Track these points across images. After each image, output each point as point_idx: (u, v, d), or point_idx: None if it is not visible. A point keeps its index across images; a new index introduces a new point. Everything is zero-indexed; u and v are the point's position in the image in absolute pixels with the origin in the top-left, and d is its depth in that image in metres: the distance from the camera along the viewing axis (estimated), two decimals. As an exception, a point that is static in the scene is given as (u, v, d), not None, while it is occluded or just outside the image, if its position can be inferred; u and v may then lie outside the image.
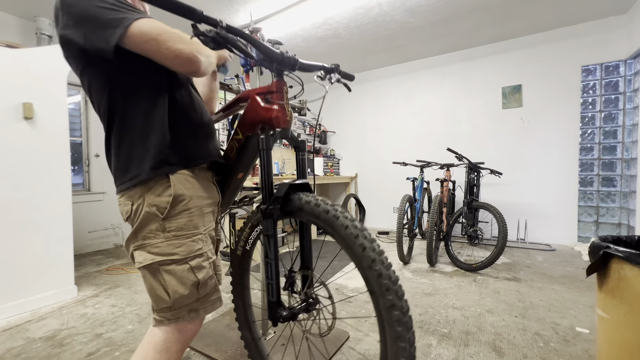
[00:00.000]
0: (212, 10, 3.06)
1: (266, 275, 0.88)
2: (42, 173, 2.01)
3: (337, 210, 0.77)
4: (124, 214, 0.84)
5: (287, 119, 0.91)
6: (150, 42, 0.71)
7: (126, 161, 0.80)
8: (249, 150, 0.99)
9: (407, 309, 0.68)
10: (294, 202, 0.85)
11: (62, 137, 2.10)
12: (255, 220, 1.07)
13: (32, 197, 1.96)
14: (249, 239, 1.10)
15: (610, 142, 3.40)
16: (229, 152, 1.02)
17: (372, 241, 0.72)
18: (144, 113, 0.80)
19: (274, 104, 0.90)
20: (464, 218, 2.88)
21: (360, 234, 0.73)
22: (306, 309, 0.92)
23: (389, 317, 0.67)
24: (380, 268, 0.68)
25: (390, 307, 0.67)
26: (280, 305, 0.89)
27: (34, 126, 1.98)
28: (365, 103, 4.98)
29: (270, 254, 0.86)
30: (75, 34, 0.71)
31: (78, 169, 3.64)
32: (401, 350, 0.66)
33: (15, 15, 3.06)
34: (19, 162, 1.92)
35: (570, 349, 1.45)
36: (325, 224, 0.78)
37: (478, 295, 2.09)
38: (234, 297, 1.19)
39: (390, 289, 0.67)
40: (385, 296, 0.67)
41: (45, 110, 2.03)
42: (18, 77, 1.92)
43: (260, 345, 1.20)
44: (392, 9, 3.11)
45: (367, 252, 0.70)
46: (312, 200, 0.81)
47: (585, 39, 3.45)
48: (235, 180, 1.07)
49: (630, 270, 0.87)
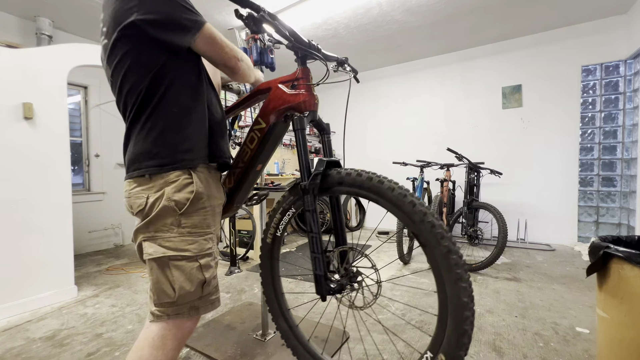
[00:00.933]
0: (212, 9, 3.06)
1: (311, 249, 0.91)
2: (42, 173, 2.01)
3: (380, 176, 0.83)
4: (134, 206, 0.80)
5: (315, 102, 0.97)
6: (214, 44, 0.82)
7: (156, 146, 0.79)
8: (274, 137, 1.03)
9: (461, 253, 0.74)
10: (333, 177, 0.90)
11: (62, 137, 2.10)
12: (287, 204, 1.07)
13: (32, 197, 1.96)
14: (280, 225, 1.10)
15: (610, 142, 3.40)
16: (248, 144, 1.04)
17: (419, 198, 0.78)
18: (187, 103, 0.83)
19: (301, 89, 0.95)
20: (464, 218, 2.88)
21: (408, 193, 0.79)
22: (350, 281, 0.96)
23: (446, 262, 0.73)
24: (432, 220, 0.75)
25: (447, 253, 0.73)
26: (327, 278, 0.92)
27: (34, 126, 1.98)
28: (365, 103, 4.98)
29: (314, 228, 0.90)
30: (152, 23, 0.74)
31: (78, 169, 3.64)
32: (462, 290, 0.71)
33: (15, 15, 3.05)
34: (19, 162, 1.92)
35: (570, 349, 1.45)
36: (370, 192, 0.83)
37: (478, 295, 2.09)
38: (264, 287, 1.17)
39: (445, 236, 0.73)
40: (441, 244, 0.73)
41: (45, 110, 2.02)
42: (18, 77, 1.92)
43: (298, 333, 1.18)
44: (392, 9, 3.11)
45: (418, 207, 0.76)
46: (352, 172, 0.86)
47: (585, 39, 3.45)
48: (253, 173, 1.08)
49: (630, 270, 0.87)
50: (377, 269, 0.92)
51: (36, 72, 1.99)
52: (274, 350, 1.42)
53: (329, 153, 1.02)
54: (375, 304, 1.01)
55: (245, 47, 1.52)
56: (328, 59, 1.06)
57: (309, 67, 1.00)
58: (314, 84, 0.99)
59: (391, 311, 1.86)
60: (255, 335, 1.55)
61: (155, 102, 0.79)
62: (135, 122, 0.81)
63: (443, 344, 0.76)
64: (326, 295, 0.92)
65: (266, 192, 1.39)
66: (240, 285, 2.34)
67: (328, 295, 0.92)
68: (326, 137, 1.04)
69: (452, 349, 0.74)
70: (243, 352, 1.40)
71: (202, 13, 2.14)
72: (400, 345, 1.48)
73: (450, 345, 0.75)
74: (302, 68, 0.98)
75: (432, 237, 0.74)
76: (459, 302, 0.72)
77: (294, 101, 0.94)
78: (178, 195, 0.79)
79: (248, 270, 2.73)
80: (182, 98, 0.83)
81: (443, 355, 0.76)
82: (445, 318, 0.75)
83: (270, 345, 1.46)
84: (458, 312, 0.72)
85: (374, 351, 1.43)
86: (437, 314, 0.78)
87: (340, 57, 1.12)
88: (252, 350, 1.42)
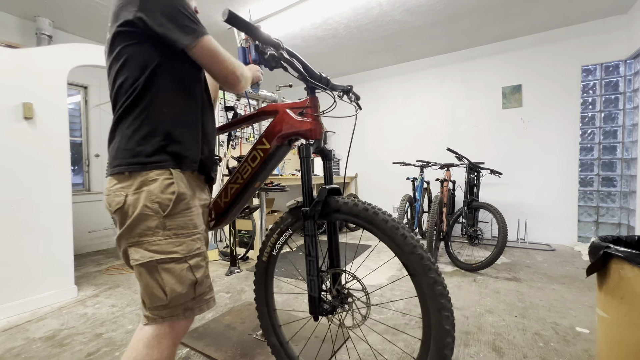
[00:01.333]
0: (212, 9, 3.06)
1: (308, 272, 0.97)
2: (42, 173, 2.01)
3: (375, 208, 0.89)
4: (113, 204, 0.79)
5: (321, 131, 1.02)
6: (215, 57, 0.82)
7: (141, 144, 0.78)
8: (276, 158, 1.08)
9: (445, 284, 0.81)
10: (332, 204, 0.96)
11: (62, 137, 2.10)
12: (285, 225, 1.09)
13: (32, 197, 1.96)
14: (276, 245, 1.12)
15: (610, 142, 3.40)
16: (249, 161, 1.07)
17: (410, 231, 0.84)
18: (180, 107, 0.84)
19: (308, 117, 0.99)
20: (464, 218, 2.87)
21: (400, 226, 0.85)
22: (341, 303, 1.02)
23: (432, 292, 0.79)
24: (421, 252, 0.81)
25: (433, 284, 0.79)
26: (321, 300, 0.96)
27: (34, 126, 1.98)
28: (365, 103, 4.98)
29: (312, 252, 0.96)
30: (154, 21, 0.75)
31: (78, 169, 3.64)
32: (445, 318, 0.79)
33: (15, 15, 3.05)
34: (19, 162, 1.92)
35: (570, 349, 1.45)
36: (365, 221, 0.89)
37: (478, 295, 2.09)
38: (258, 304, 1.20)
39: (432, 268, 0.80)
40: (427, 275, 0.80)
41: (45, 110, 2.02)
42: (18, 77, 1.92)
43: (289, 349, 1.20)
44: (392, 9, 3.11)
45: (409, 240, 0.82)
46: (349, 202, 0.93)
47: (585, 39, 3.45)
48: (251, 190, 1.11)
49: (630, 270, 0.87)
50: (367, 292, 0.98)
51: (36, 72, 1.99)
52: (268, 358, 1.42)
53: (330, 179, 1.06)
54: (372, 309, 1.03)
55: (244, 47, 1.52)
56: (334, 89, 1.11)
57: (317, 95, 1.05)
58: (321, 114, 1.03)
59: (385, 319, 1.86)
60: (255, 335, 1.55)
61: (148, 101, 0.79)
62: (123, 117, 0.80)
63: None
64: (319, 316, 0.97)
65: (257, 205, 1.42)
66: (240, 285, 2.34)
67: (321, 315, 0.98)
68: (328, 164, 1.07)
69: None
70: (243, 352, 1.40)
71: (202, 13, 2.14)
72: (401, 344, 1.48)
73: None
74: (311, 97, 1.02)
75: (420, 268, 0.80)
76: (441, 329, 0.79)
77: (301, 128, 0.98)
78: (161, 197, 0.77)
79: (248, 270, 2.73)
80: (176, 101, 0.83)
81: None
82: (428, 342, 0.82)
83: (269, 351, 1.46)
84: (440, 338, 0.79)
85: (374, 351, 1.43)
86: (420, 338, 0.85)
87: (345, 87, 1.17)
88: (252, 350, 1.42)
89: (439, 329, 0.79)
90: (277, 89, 2.93)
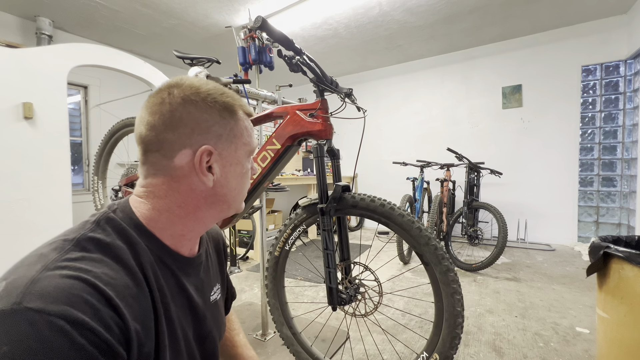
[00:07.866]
0: (212, 9, 3.06)
1: (326, 264, 1.01)
2: (42, 173, 2.01)
3: (391, 204, 0.96)
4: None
5: (331, 132, 1.05)
6: None
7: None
8: (286, 157, 1.11)
9: (455, 272, 0.89)
10: (347, 200, 1.00)
11: (62, 137, 2.10)
12: (299, 220, 1.13)
13: (32, 197, 1.96)
14: (289, 240, 1.16)
15: (610, 142, 3.40)
16: (260, 162, 1.09)
17: (423, 225, 0.93)
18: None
19: (319, 119, 1.03)
20: (464, 218, 2.87)
21: (415, 219, 0.93)
22: (355, 293, 1.07)
23: (445, 278, 0.88)
24: (435, 243, 0.90)
25: (446, 271, 0.88)
26: (338, 290, 1.01)
27: (34, 126, 1.98)
28: (365, 103, 4.98)
29: (329, 245, 1.01)
30: None
31: (78, 169, 3.64)
32: (456, 301, 0.87)
33: (15, 15, 3.05)
34: (19, 162, 1.92)
35: (570, 349, 1.45)
36: (382, 216, 0.96)
37: (478, 295, 2.09)
38: (270, 297, 1.22)
39: (445, 257, 0.89)
40: (441, 263, 0.88)
41: (45, 110, 2.02)
42: (18, 77, 1.92)
43: (301, 339, 1.23)
44: (392, 8, 3.11)
45: (424, 233, 0.91)
46: (366, 198, 0.98)
47: (585, 39, 3.45)
48: (260, 189, 1.14)
49: (630, 270, 0.87)
50: (380, 282, 1.04)
51: (36, 71, 1.99)
52: (274, 350, 1.42)
53: (339, 177, 1.10)
54: (377, 309, 1.09)
55: (243, 47, 1.52)
56: (339, 92, 1.15)
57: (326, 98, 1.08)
58: (331, 115, 1.07)
59: (388, 316, 1.86)
60: (255, 335, 1.55)
61: None
62: None
63: (437, 346, 0.90)
64: (337, 306, 1.01)
65: (260, 205, 1.47)
66: (240, 285, 2.33)
67: (339, 305, 1.02)
68: (336, 162, 1.11)
69: (446, 349, 0.88)
70: (243, 352, 1.40)
71: (202, 13, 2.15)
72: (399, 346, 1.48)
73: (444, 347, 0.89)
74: (322, 99, 1.05)
75: (434, 257, 0.89)
76: (453, 311, 0.87)
77: (313, 129, 1.02)
78: None
79: (248, 270, 2.73)
80: None
81: (437, 355, 0.90)
82: (440, 324, 0.90)
83: (270, 345, 1.46)
84: (452, 319, 0.88)
85: (374, 351, 1.43)
86: (433, 321, 0.93)
87: (347, 89, 1.21)
88: (252, 350, 1.42)
89: (452, 311, 0.87)
90: (277, 88, 2.93)
